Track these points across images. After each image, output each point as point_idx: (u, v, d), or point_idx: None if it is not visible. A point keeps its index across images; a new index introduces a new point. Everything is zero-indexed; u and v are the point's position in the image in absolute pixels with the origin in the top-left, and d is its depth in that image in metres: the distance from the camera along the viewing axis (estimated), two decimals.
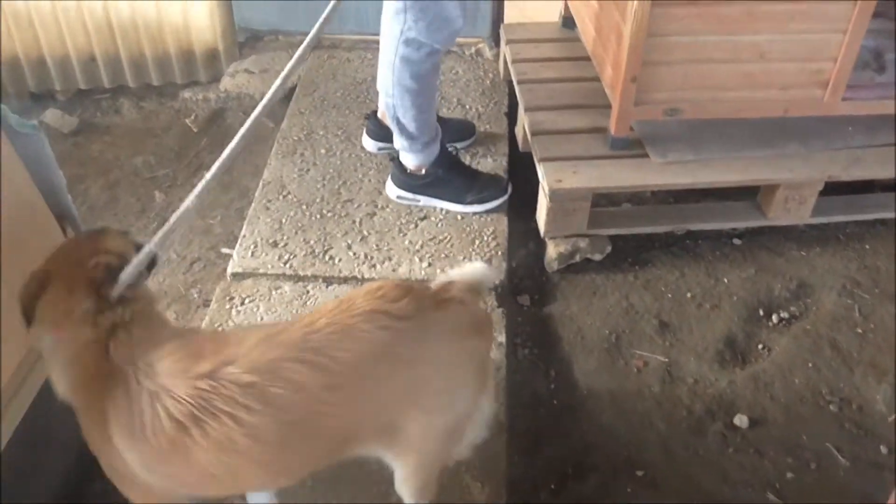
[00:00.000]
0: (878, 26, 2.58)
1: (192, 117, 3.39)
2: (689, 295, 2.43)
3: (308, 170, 2.78)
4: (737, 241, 2.62)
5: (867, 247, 2.59)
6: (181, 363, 1.34)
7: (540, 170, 2.46)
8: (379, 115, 2.76)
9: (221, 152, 1.55)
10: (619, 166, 2.46)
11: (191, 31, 3.34)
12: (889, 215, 2.63)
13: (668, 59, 2.34)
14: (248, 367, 1.31)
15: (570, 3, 3.02)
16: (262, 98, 1.62)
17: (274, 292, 2.33)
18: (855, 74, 2.40)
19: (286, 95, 3.30)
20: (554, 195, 2.39)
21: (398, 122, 2.43)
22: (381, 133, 2.76)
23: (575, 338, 2.31)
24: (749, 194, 2.57)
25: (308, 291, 2.33)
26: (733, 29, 2.30)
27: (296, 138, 2.93)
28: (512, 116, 2.99)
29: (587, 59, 2.77)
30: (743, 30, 2.30)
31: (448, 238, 2.49)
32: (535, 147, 2.55)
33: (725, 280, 2.48)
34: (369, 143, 2.85)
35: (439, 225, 2.54)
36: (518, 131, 2.89)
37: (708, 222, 2.58)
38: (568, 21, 3.06)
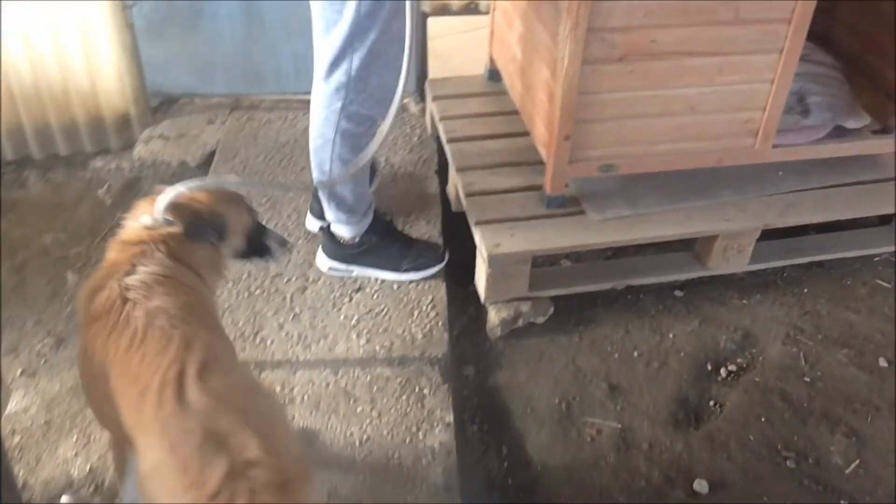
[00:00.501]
0: (801, 69, 2.59)
1: (105, 188, 3.20)
2: (636, 353, 2.38)
3: None
4: (678, 293, 2.59)
5: (806, 290, 2.59)
6: None
7: (476, 234, 2.38)
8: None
9: None
10: (557, 226, 2.40)
11: (99, 97, 3.17)
12: (825, 257, 2.64)
13: (601, 116, 2.29)
14: None
15: (494, 57, 2.97)
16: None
17: None
18: (781, 119, 2.41)
19: (205, 161, 3.16)
20: (493, 260, 2.31)
21: (336, 196, 2.32)
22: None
23: (525, 409, 2.22)
24: (688, 245, 2.55)
25: None
26: (664, 84, 2.27)
27: None
28: (443, 174, 2.91)
29: (516, 112, 2.72)
30: (673, 84, 2.28)
31: (385, 310, 2.38)
32: (469, 210, 2.47)
33: (671, 335, 2.43)
34: (313, 224, 2.66)
35: (375, 296, 2.43)
36: (450, 191, 2.81)
37: (648, 276, 2.54)
38: (494, 74, 3.01)
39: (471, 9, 3.10)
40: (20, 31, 2.96)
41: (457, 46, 3.24)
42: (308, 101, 2.29)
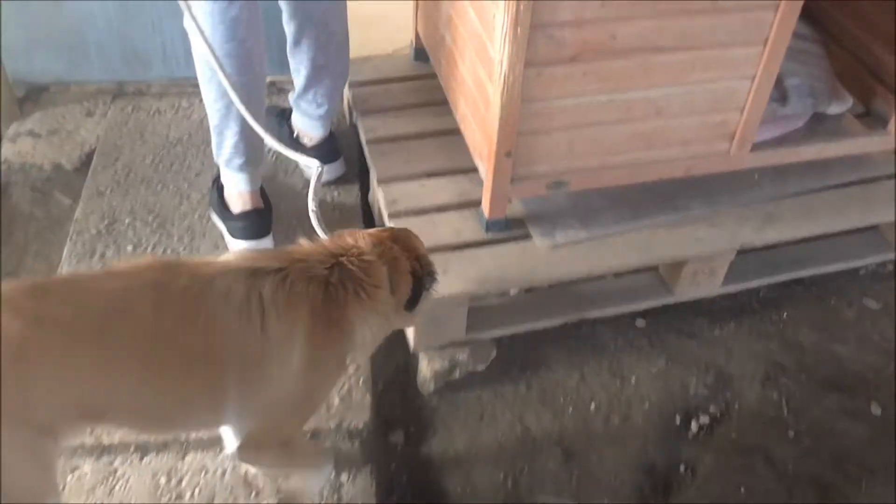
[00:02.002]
0: None
1: None
2: (593, 406, 2.02)
3: None
4: (640, 323, 2.22)
5: (786, 315, 2.24)
6: None
7: None
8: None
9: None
10: (498, 256, 2.00)
11: None
12: (806, 273, 2.29)
13: (549, 126, 1.88)
14: None
15: (420, 35, 2.50)
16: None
17: (70, 475, 1.76)
18: None
19: (83, 163, 2.65)
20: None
21: None
22: None
23: (464, 489, 1.85)
24: (651, 265, 2.17)
25: (115, 470, 1.77)
26: (625, 85, 1.86)
27: (94, 231, 2.32)
28: (364, 178, 2.47)
29: (447, 102, 2.28)
30: (636, 85, 1.86)
31: None
32: None
33: (633, 379, 2.08)
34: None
35: None
36: (372, 202, 2.38)
37: (606, 307, 2.16)
38: (420, 53, 2.54)
39: None
40: None
41: (380, 13, 2.77)
42: None
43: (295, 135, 2.39)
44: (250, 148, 2.06)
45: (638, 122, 1.93)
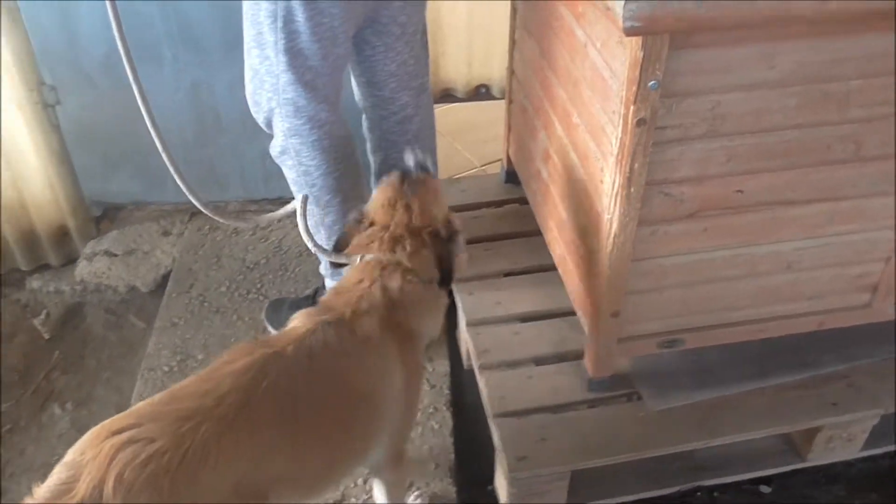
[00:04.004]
0: None
1: (43, 316, 2.62)
2: None
3: None
4: (765, 489, 1.95)
5: None
6: None
7: (495, 435, 1.77)
8: None
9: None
10: (603, 420, 1.78)
11: (29, 209, 2.58)
12: None
13: (662, 284, 1.67)
14: None
15: (512, 159, 2.32)
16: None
17: None
18: None
19: (158, 285, 2.56)
20: (516, 481, 1.70)
21: None
22: None
23: None
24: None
25: None
26: (750, 240, 1.64)
27: (165, 368, 2.19)
28: (451, 309, 2.28)
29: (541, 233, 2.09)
30: (763, 240, 1.64)
31: None
32: (485, 395, 1.85)
33: None
34: None
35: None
36: (461, 344, 2.18)
37: (727, 475, 1.91)
38: (511, 176, 2.37)
39: (480, 93, 2.45)
40: None
41: (467, 123, 2.62)
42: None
43: None
44: None
45: (764, 276, 1.71)
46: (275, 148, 1.86)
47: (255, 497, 1.28)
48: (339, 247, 1.58)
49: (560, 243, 1.92)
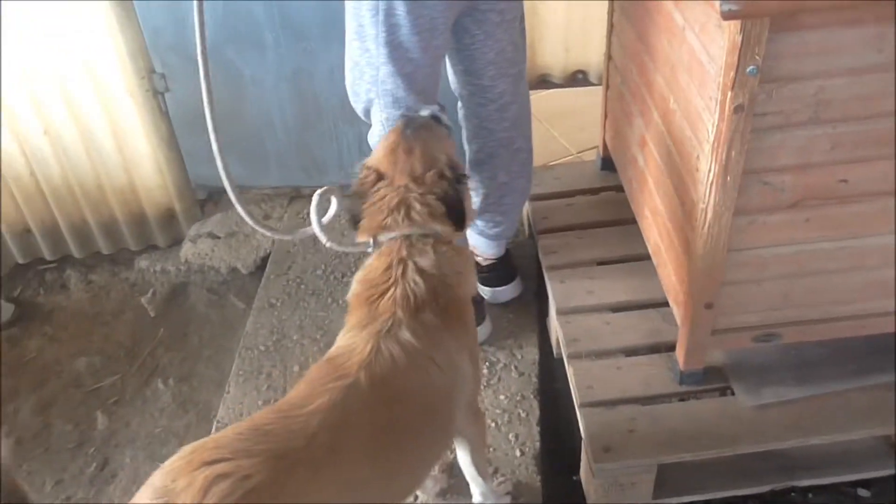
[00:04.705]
0: None
1: (150, 294, 2.75)
2: None
3: (275, 400, 2.10)
4: (863, 493, 1.87)
5: None
6: None
7: (582, 423, 1.76)
8: None
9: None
10: (693, 415, 1.75)
11: (139, 192, 2.71)
12: None
13: (759, 276, 1.61)
14: None
15: (608, 146, 2.29)
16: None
17: None
18: None
19: (258, 267, 2.64)
20: (601, 472, 1.68)
21: None
22: None
23: None
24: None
25: None
26: (857, 231, 1.57)
27: (262, 348, 2.27)
28: (543, 296, 2.27)
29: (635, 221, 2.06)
30: (870, 232, 1.57)
31: None
32: (573, 384, 1.84)
33: None
34: None
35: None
36: (551, 332, 2.18)
37: (823, 476, 1.84)
38: (607, 163, 2.34)
39: (577, 79, 2.42)
40: (43, 128, 2.52)
41: (564, 109, 2.60)
42: None
43: None
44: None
45: (872, 270, 1.63)
46: (373, 136, 1.89)
47: None
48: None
49: (654, 232, 1.89)
